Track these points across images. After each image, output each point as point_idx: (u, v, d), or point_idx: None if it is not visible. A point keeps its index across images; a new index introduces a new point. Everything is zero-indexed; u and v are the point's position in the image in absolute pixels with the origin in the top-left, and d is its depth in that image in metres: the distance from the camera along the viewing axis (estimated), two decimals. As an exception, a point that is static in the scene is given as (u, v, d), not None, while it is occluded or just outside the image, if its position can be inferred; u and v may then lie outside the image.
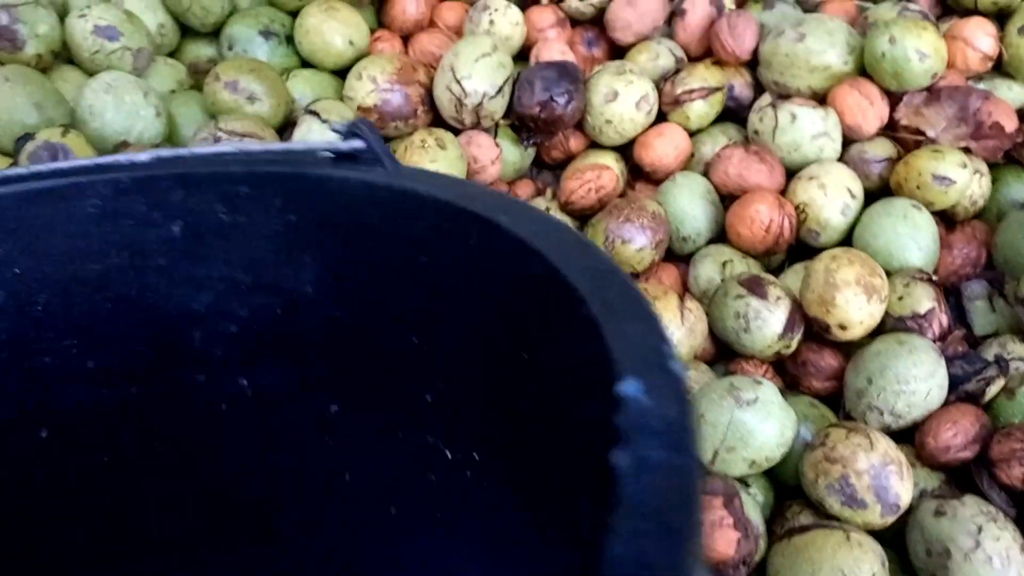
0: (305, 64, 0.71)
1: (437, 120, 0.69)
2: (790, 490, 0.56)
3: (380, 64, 0.66)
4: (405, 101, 0.66)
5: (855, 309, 0.56)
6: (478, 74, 0.65)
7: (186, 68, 0.70)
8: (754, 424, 0.52)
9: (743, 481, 0.55)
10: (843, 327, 0.56)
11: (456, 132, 0.67)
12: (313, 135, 0.61)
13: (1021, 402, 0.54)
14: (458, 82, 0.65)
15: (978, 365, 0.56)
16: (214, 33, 0.71)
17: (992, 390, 0.55)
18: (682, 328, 0.57)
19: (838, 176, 0.63)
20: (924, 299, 0.57)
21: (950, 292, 0.62)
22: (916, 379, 0.53)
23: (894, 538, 0.51)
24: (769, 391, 0.53)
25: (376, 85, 0.65)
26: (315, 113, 0.62)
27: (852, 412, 0.56)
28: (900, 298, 0.58)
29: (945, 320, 0.58)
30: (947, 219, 0.66)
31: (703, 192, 0.65)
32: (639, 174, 0.71)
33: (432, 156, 0.62)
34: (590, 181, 0.66)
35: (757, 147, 0.66)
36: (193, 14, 0.68)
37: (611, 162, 0.69)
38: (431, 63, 0.70)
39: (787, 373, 0.60)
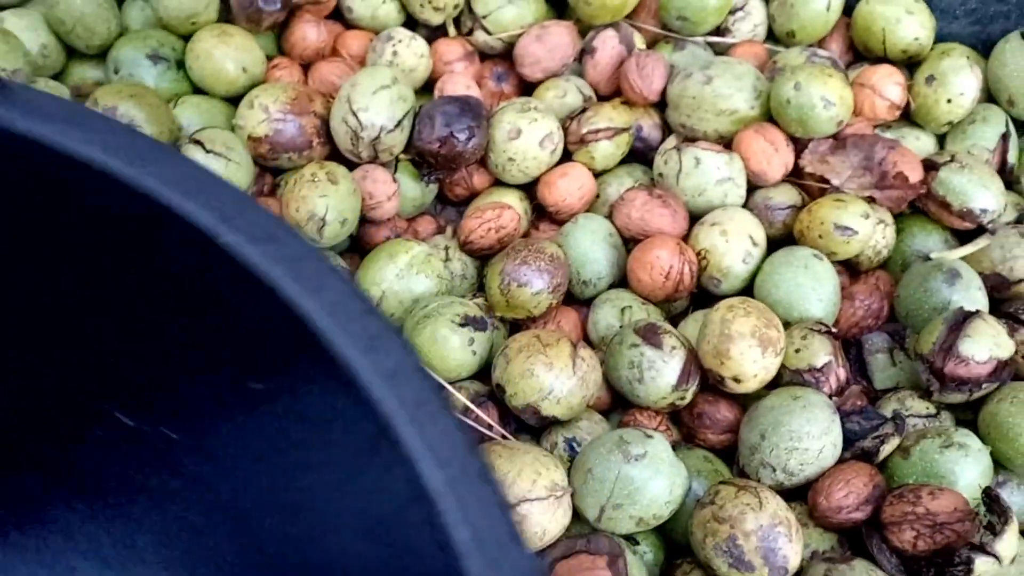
0: (197, 90, 0.67)
1: (335, 153, 0.66)
2: (682, 548, 0.54)
3: (273, 93, 0.63)
4: (299, 132, 0.63)
5: (750, 362, 0.54)
6: (376, 106, 0.62)
7: (70, 90, 0.66)
8: (642, 480, 0.50)
9: (631, 538, 0.52)
10: (737, 380, 0.54)
11: (353, 166, 0.64)
12: (193, 165, 0.57)
13: (916, 462, 0.52)
14: (354, 114, 0.62)
15: (875, 421, 0.54)
16: (104, 55, 0.67)
17: (887, 448, 0.53)
18: (574, 378, 0.54)
19: (741, 223, 0.62)
20: (821, 352, 0.56)
21: (850, 344, 0.61)
22: (810, 436, 0.52)
23: (785, 602, 0.49)
24: (660, 446, 0.51)
25: (268, 114, 0.62)
26: (199, 142, 0.59)
27: (745, 468, 0.54)
28: (797, 350, 0.56)
29: (843, 374, 0.56)
30: (851, 269, 0.65)
31: (605, 235, 0.63)
32: (544, 214, 0.69)
33: (322, 191, 0.59)
34: (490, 220, 0.64)
35: (661, 191, 0.64)
36: (76, 35, 0.64)
37: (514, 201, 0.67)
38: (331, 93, 0.67)
39: (683, 424, 0.58)
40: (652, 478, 0.50)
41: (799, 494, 0.53)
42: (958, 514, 0.47)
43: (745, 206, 0.65)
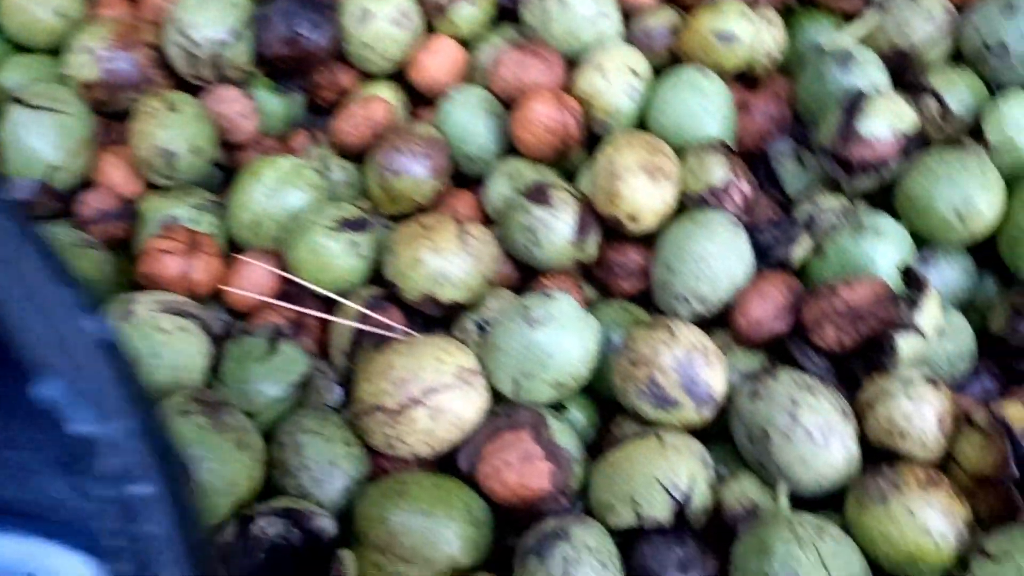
0: (21, 49, 0.62)
1: (183, 83, 0.61)
2: (616, 404, 0.51)
3: (96, 32, 0.58)
4: (133, 68, 0.58)
5: (642, 196, 0.50)
6: (205, 19, 0.57)
7: None
8: (549, 344, 0.47)
9: (559, 405, 0.50)
10: (633, 218, 0.51)
11: (201, 92, 0.60)
12: (19, 127, 0.53)
13: (831, 258, 0.49)
14: (184, 33, 0.57)
15: (787, 229, 0.51)
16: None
17: (800, 251, 0.50)
18: (465, 257, 0.51)
19: (618, 57, 0.58)
20: (719, 170, 0.52)
21: (757, 156, 0.57)
22: (715, 256, 0.49)
23: (725, 431, 0.47)
24: (564, 305, 0.48)
25: (94, 55, 0.57)
26: (19, 100, 0.54)
27: (662, 307, 0.51)
28: (694, 174, 0.53)
29: (747, 188, 0.53)
30: (749, 80, 0.61)
31: (482, 104, 0.59)
32: (422, 99, 0.64)
33: (162, 122, 0.54)
34: (359, 116, 0.60)
35: (533, 44, 0.60)
36: None
37: (387, 92, 0.63)
38: (163, 20, 0.62)
39: (596, 279, 0.55)
40: (559, 339, 0.47)
41: (725, 321, 0.51)
42: (877, 300, 0.45)
43: (627, 41, 0.61)
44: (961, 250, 0.51)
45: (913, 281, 0.44)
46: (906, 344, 0.43)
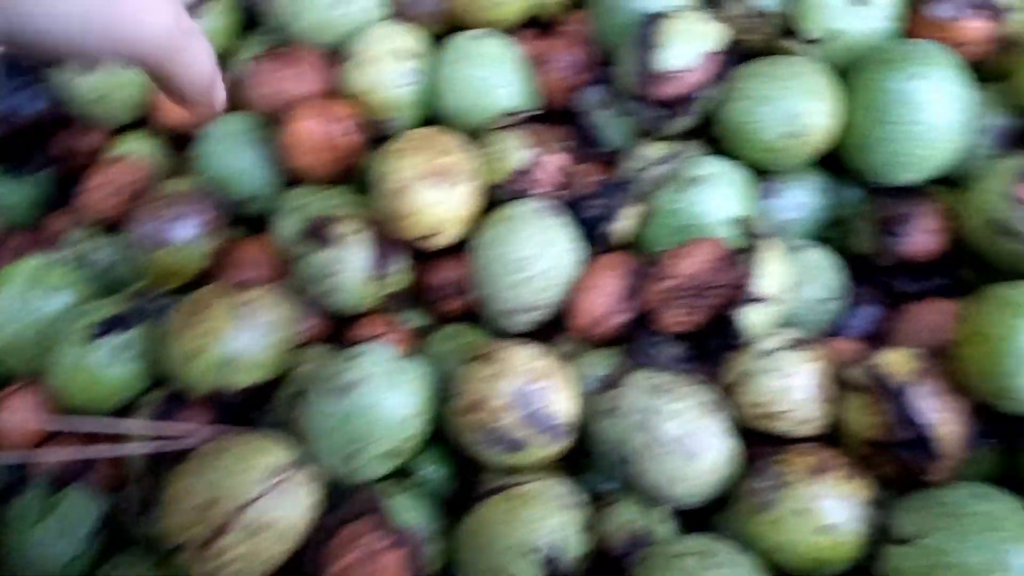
0: None
1: None
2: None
3: None
4: None
5: (434, 207, 0.43)
6: None
7: None
8: (368, 410, 0.40)
9: (404, 471, 0.43)
10: (435, 233, 0.43)
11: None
12: None
13: (660, 222, 0.42)
14: None
15: (612, 198, 0.44)
16: None
17: (624, 223, 0.43)
18: (247, 331, 0.42)
19: (382, 42, 0.49)
20: (516, 150, 0.45)
21: (567, 113, 0.50)
22: (530, 258, 0.41)
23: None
24: (376, 358, 0.41)
25: None
26: None
27: (490, 324, 0.44)
28: (493, 161, 0.45)
29: (556, 160, 0.45)
30: (545, 27, 0.53)
31: (245, 133, 0.50)
32: (185, 140, 0.55)
33: None
34: (107, 183, 0.51)
35: (286, 49, 0.51)
36: None
37: (140, 144, 0.53)
38: None
39: (423, 304, 0.48)
40: (378, 402, 0.40)
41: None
42: (714, 266, 0.38)
43: (389, 19, 0.52)
44: (809, 169, 0.44)
45: (750, 236, 0.38)
46: (753, 314, 0.36)
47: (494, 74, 0.47)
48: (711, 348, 0.39)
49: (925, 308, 0.41)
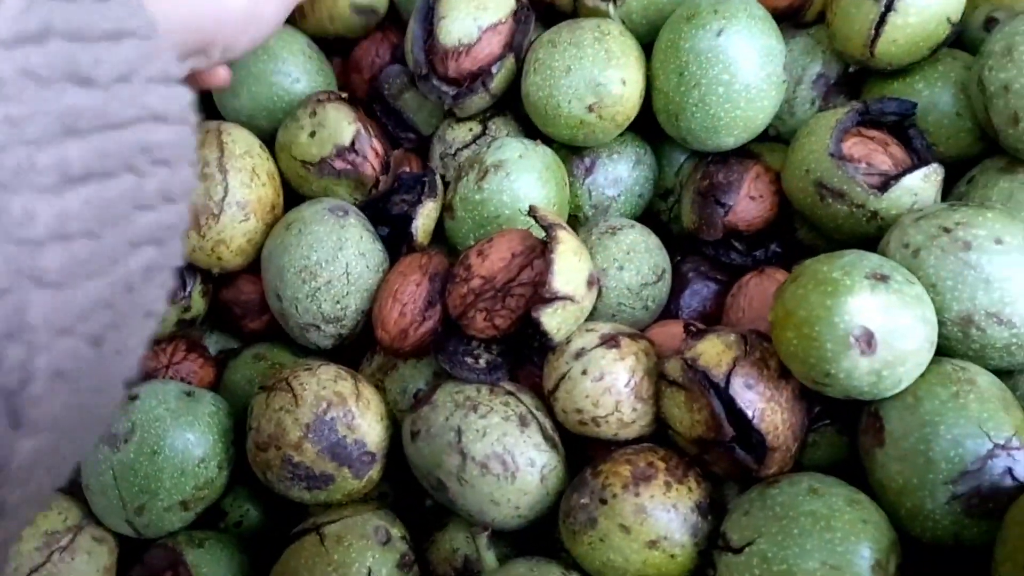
0: None
1: None
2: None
3: None
4: None
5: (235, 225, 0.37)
6: None
7: None
8: (149, 458, 0.35)
9: (209, 518, 0.38)
10: (219, 256, 0.38)
11: None
12: None
13: (462, 217, 0.38)
14: None
15: (414, 191, 0.39)
16: None
17: (424, 219, 0.38)
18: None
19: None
20: (343, 124, 0.39)
21: (373, 100, 0.44)
22: (325, 264, 0.37)
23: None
24: (152, 402, 0.35)
25: None
26: None
27: (296, 341, 0.39)
28: (309, 138, 0.40)
29: (372, 147, 0.40)
30: None
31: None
32: None
33: None
34: None
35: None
36: None
37: None
38: None
39: (227, 325, 0.43)
40: (159, 449, 0.35)
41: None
42: (514, 261, 0.34)
43: None
44: (625, 141, 0.40)
45: (543, 226, 0.33)
46: (554, 315, 0.32)
47: (283, 70, 0.42)
48: (524, 352, 0.35)
49: (758, 280, 0.37)
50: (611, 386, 0.33)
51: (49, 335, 0.17)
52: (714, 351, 0.32)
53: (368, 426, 0.35)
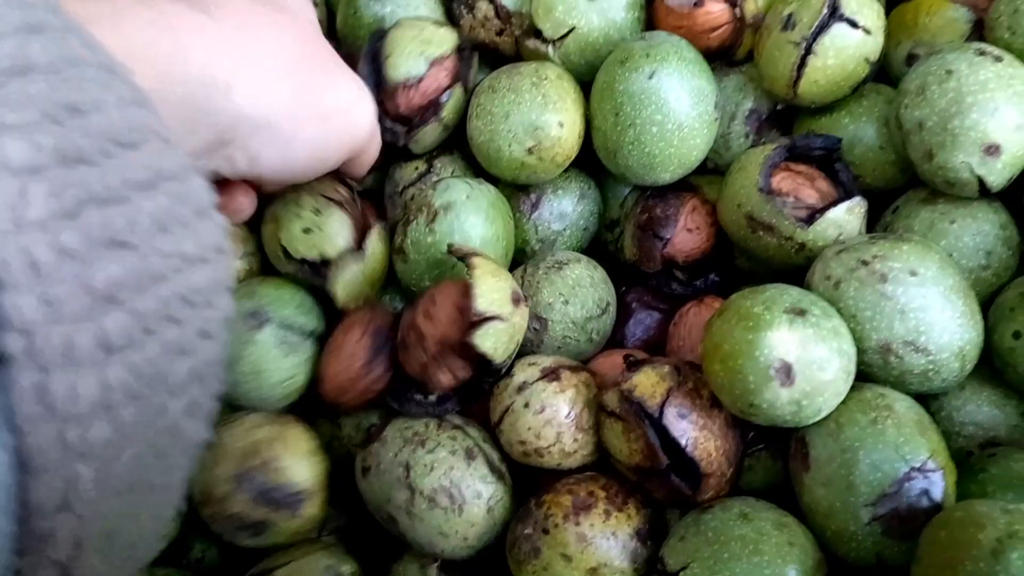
0: None
1: None
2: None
3: None
4: None
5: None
6: None
7: None
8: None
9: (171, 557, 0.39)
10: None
11: None
12: None
13: (415, 260, 0.39)
14: None
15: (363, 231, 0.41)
16: None
17: (345, 286, 0.39)
18: None
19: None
20: (341, 234, 0.40)
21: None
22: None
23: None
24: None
25: None
26: None
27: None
28: (302, 232, 0.41)
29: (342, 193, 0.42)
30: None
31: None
32: None
33: None
34: None
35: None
36: None
37: None
38: None
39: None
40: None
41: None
42: (462, 315, 0.35)
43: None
44: (567, 177, 0.42)
45: (461, 260, 0.35)
46: (487, 337, 0.33)
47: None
48: (476, 387, 0.36)
49: (697, 310, 0.39)
50: (552, 418, 0.34)
51: (99, 503, 0.17)
52: (648, 382, 0.33)
53: (295, 466, 0.36)
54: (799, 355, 0.30)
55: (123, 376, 0.17)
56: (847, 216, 0.36)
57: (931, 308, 0.32)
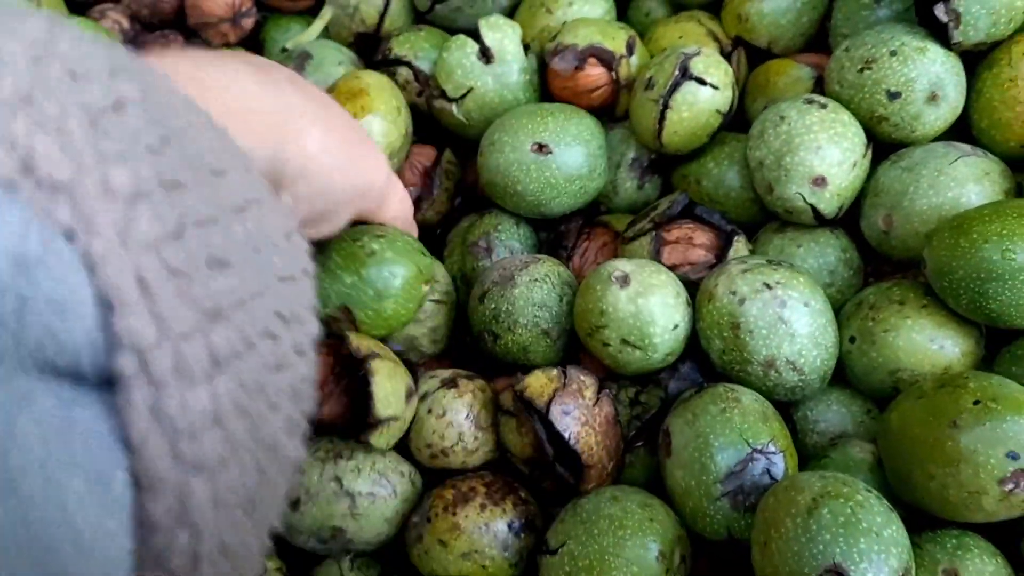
0: None
1: None
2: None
3: None
4: None
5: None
6: None
7: None
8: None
9: None
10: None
11: None
12: None
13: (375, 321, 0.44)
14: None
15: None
16: None
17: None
18: None
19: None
20: None
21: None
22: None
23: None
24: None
25: None
26: None
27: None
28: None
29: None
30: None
31: None
32: None
33: None
34: None
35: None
36: None
37: None
38: None
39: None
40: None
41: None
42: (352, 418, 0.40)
43: None
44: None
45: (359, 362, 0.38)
46: (382, 436, 0.37)
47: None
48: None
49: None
50: (452, 420, 0.39)
51: (213, 516, 0.18)
52: (538, 384, 0.38)
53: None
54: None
55: (232, 389, 0.18)
56: (743, 248, 0.42)
57: (813, 336, 0.37)
